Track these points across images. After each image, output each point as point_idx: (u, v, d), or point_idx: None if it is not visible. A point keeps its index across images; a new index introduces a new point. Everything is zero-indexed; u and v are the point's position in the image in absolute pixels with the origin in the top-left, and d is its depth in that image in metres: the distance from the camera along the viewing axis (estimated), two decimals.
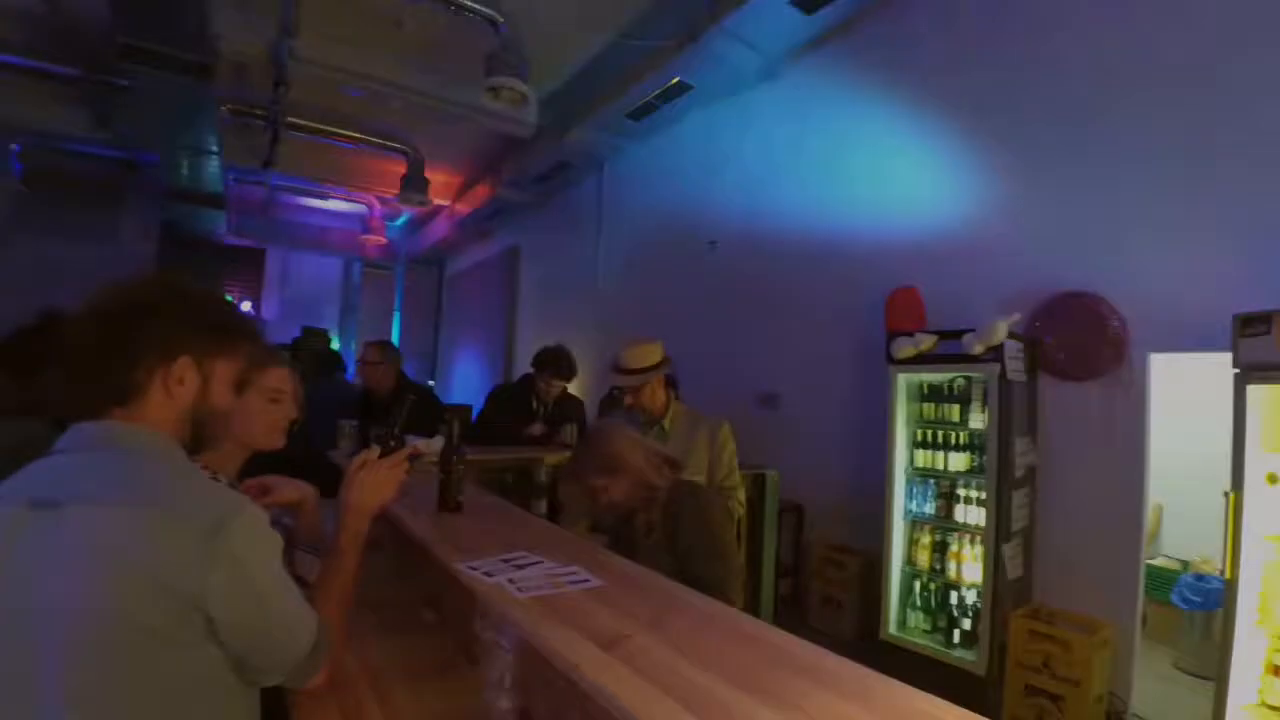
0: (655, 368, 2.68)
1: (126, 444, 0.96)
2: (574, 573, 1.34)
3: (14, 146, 8.01)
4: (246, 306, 11.40)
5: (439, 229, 10.43)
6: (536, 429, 4.04)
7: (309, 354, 7.46)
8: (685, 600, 1.28)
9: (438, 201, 9.15)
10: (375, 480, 1.31)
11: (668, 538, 1.85)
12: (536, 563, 1.39)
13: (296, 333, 11.54)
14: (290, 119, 6.75)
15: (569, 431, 3.96)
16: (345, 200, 9.85)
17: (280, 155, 7.63)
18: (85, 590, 0.83)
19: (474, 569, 1.33)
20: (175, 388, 1.02)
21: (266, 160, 7.63)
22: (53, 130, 7.55)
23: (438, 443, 3.05)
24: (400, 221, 11.26)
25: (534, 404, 4.13)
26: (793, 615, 4.36)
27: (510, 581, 1.26)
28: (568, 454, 3.72)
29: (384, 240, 10.22)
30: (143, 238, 10.56)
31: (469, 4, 4.70)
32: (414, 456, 2.60)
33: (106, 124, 6.85)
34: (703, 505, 1.90)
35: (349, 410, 4.25)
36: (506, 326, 9.14)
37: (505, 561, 1.39)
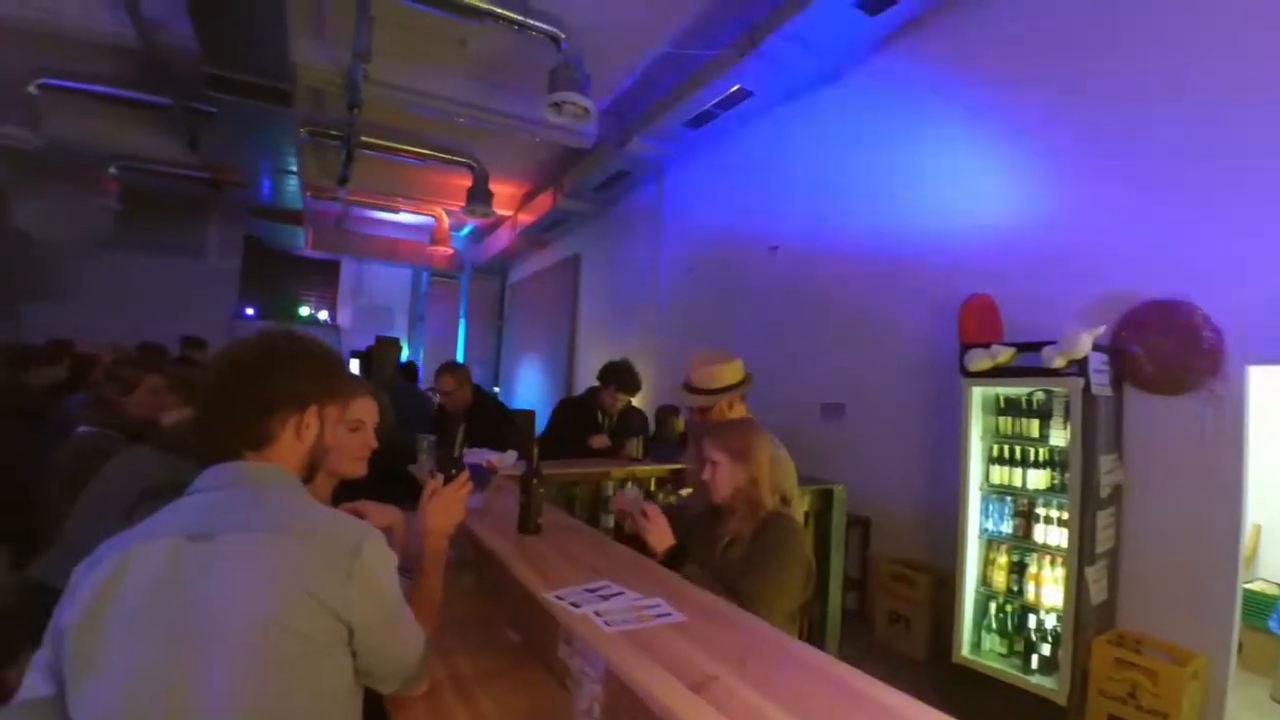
0: (728, 389, 2.43)
1: (261, 481, 1.07)
2: (657, 605, 1.36)
3: (112, 170, 8.65)
4: (323, 315, 11.96)
5: (502, 239, 10.67)
6: (600, 442, 4.09)
7: (385, 365, 7.76)
8: (764, 636, 1.28)
9: (501, 212, 9.38)
10: (444, 505, 1.45)
11: (743, 560, 1.83)
12: (620, 594, 1.42)
13: (369, 341, 12.03)
14: (363, 138, 7.05)
15: (634, 445, 3.99)
16: (413, 213, 10.21)
17: (353, 172, 8.01)
18: (247, 604, 0.92)
19: (561, 599, 1.38)
20: (304, 433, 1.14)
21: (341, 177, 8.02)
22: (147, 154, 8.11)
23: (510, 457, 3.14)
24: (465, 232, 11.58)
25: (599, 417, 4.19)
26: (858, 630, 4.27)
27: (598, 614, 1.29)
28: (633, 467, 3.77)
29: (450, 250, 10.54)
30: (227, 252, 11.24)
31: (532, 22, 4.80)
32: (489, 472, 2.69)
33: (195, 147, 7.31)
34: (791, 546, 1.84)
35: (425, 423, 4.42)
36: (568, 333, 9.28)
37: (590, 591, 1.42)
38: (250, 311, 11.28)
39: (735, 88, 5.34)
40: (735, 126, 6.03)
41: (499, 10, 4.70)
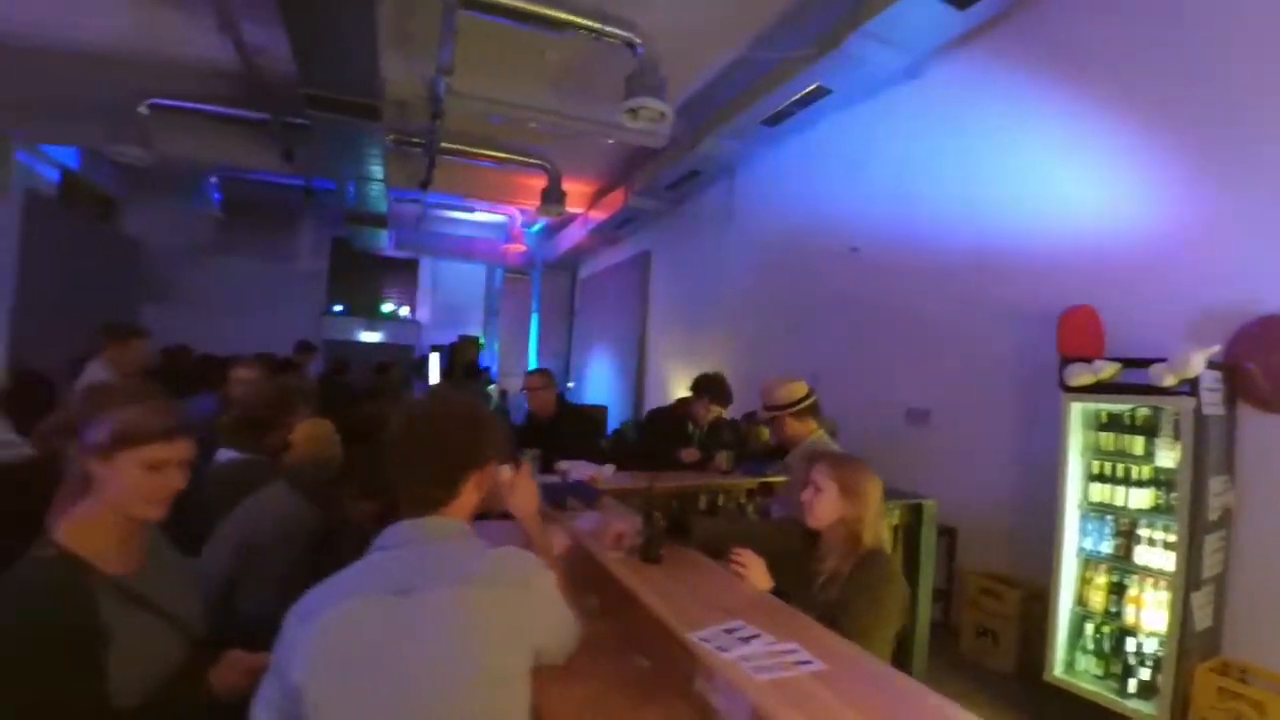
0: (786, 407, 2.92)
1: (446, 535, 1.18)
2: (794, 651, 1.43)
3: (213, 179, 9.27)
4: (404, 311, 12.49)
5: (573, 236, 10.85)
6: (691, 455, 4.12)
7: (458, 366, 8.07)
8: (909, 690, 1.33)
9: (572, 210, 9.52)
10: (526, 491, 1.63)
11: (839, 599, 1.85)
12: (756, 635, 1.50)
13: (446, 336, 12.52)
14: (443, 145, 7.31)
15: (725, 458, 4.01)
16: (489, 213, 10.49)
17: (434, 177, 8.31)
18: (459, 656, 1.05)
19: (705, 641, 1.46)
20: (483, 485, 1.25)
21: (424, 182, 8.33)
22: (245, 165, 8.63)
23: (608, 470, 3.24)
24: (536, 229, 11.82)
25: (689, 428, 4.23)
26: (943, 642, 4.21)
27: (743, 660, 1.37)
28: (724, 480, 3.82)
29: (523, 247, 10.79)
30: (317, 254, 11.87)
31: (609, 29, 4.86)
32: (595, 490, 2.80)
33: (290, 159, 7.75)
34: (888, 586, 1.86)
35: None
36: (639, 329, 9.38)
37: (728, 633, 1.50)
38: (339, 308, 11.90)
39: (814, 86, 5.25)
40: (813, 124, 5.92)
41: (578, 20, 4.77)
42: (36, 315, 7.85)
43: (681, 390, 7.91)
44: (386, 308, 12.40)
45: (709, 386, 4.14)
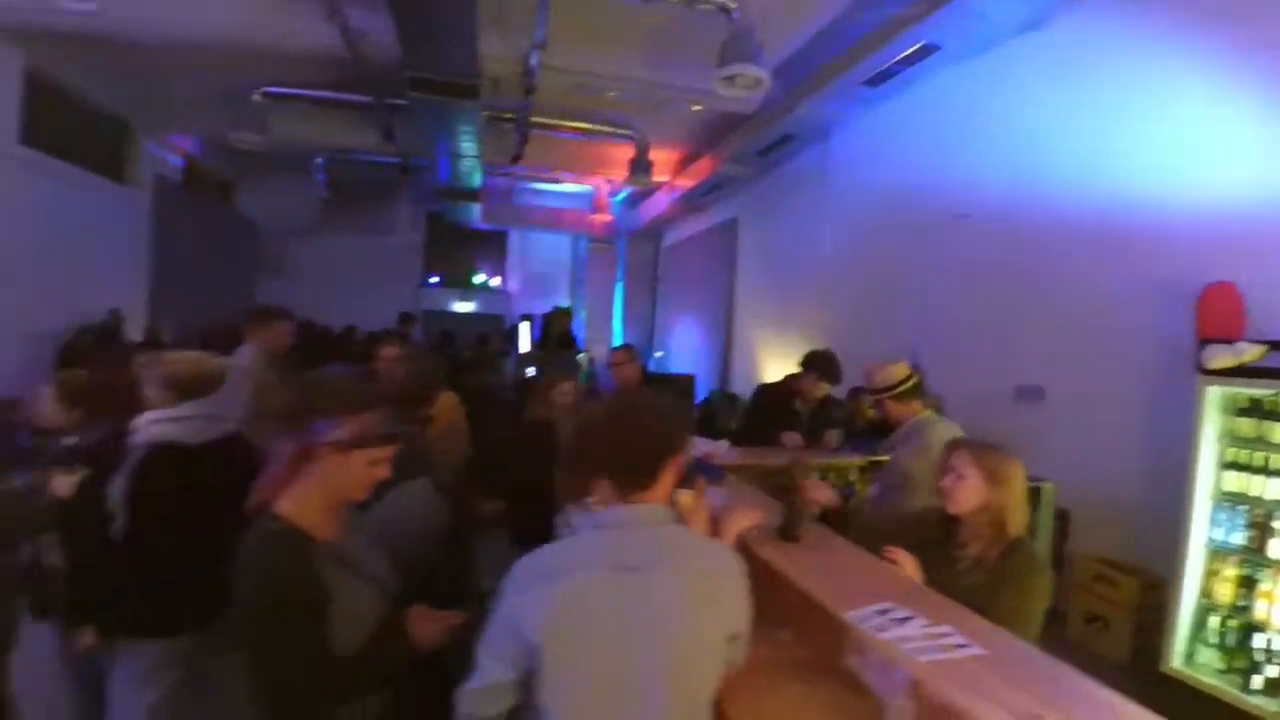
0: (886, 390, 2.99)
1: (655, 520, 1.31)
2: (950, 634, 1.46)
3: (319, 160, 9.79)
4: (495, 282, 12.91)
5: (658, 204, 10.83)
6: (793, 440, 4.08)
7: (552, 336, 8.29)
8: (1069, 677, 1.36)
9: (658, 178, 9.48)
10: (695, 519, 1.66)
11: (985, 587, 1.83)
12: (910, 618, 1.53)
13: (534, 305, 12.86)
14: (534, 119, 7.42)
15: (834, 436, 3.98)
16: (575, 183, 10.60)
17: (524, 151, 8.47)
18: (678, 629, 1.21)
19: (861, 621, 1.52)
20: (676, 471, 1.36)
21: (514, 155, 8.51)
22: (348, 146, 9.05)
23: (722, 446, 3.31)
24: (621, 197, 11.86)
25: (796, 405, 4.21)
26: (1050, 625, 4.09)
27: (901, 640, 1.42)
28: (833, 459, 3.80)
29: (609, 217, 10.87)
30: (414, 228, 12.39)
31: None
32: (718, 468, 2.89)
33: (390, 138, 8.07)
34: (1039, 578, 1.85)
35: None
36: (725, 297, 9.33)
37: (881, 614, 1.55)
38: (434, 280, 12.43)
39: (921, 43, 4.98)
40: (917, 83, 5.62)
41: None
42: (169, 289, 8.65)
43: (771, 361, 7.88)
44: (478, 279, 12.85)
45: (820, 363, 4.08)
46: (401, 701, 1.43)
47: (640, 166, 8.00)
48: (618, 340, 12.69)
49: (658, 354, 9.51)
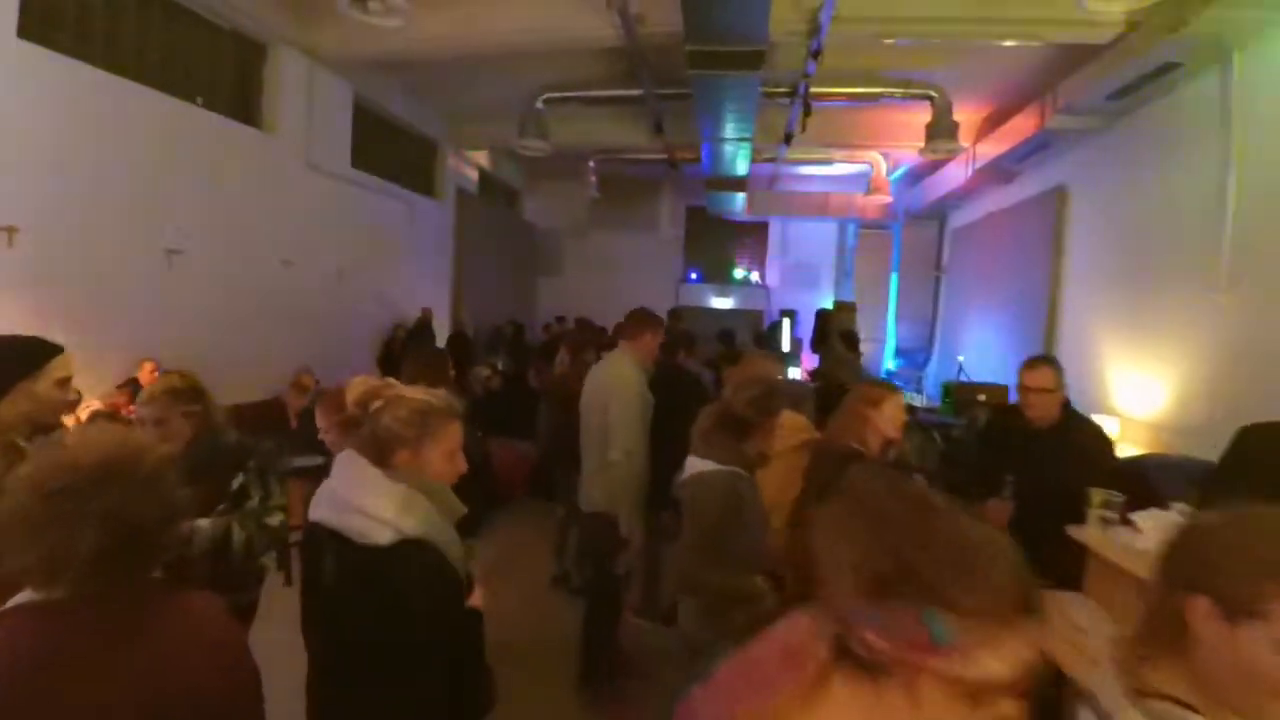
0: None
1: None
2: None
3: (591, 163, 10.01)
4: (755, 276, 12.31)
5: (948, 178, 9.26)
6: None
7: (835, 334, 7.38)
8: None
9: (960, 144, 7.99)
10: None
11: None
12: None
13: (795, 299, 12.00)
14: (814, 90, 6.59)
15: None
16: (846, 163, 9.53)
17: (797, 129, 7.68)
18: None
19: None
20: None
21: (786, 135, 7.76)
22: (618, 145, 9.08)
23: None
24: (898, 174, 10.46)
25: None
26: None
27: None
28: None
29: (888, 198, 9.60)
30: (674, 224, 12.32)
31: None
32: None
33: (660, 130, 7.83)
34: None
35: None
36: (1047, 288, 7.52)
37: None
38: (694, 275, 12.24)
39: None
40: None
41: None
42: (469, 290, 9.49)
43: (1123, 371, 6.02)
44: (738, 273, 12.36)
45: None
46: None
47: (941, 130, 6.74)
48: (892, 340, 11.28)
49: (959, 358, 8.00)
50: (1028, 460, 2.50)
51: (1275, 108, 4.87)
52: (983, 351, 8.82)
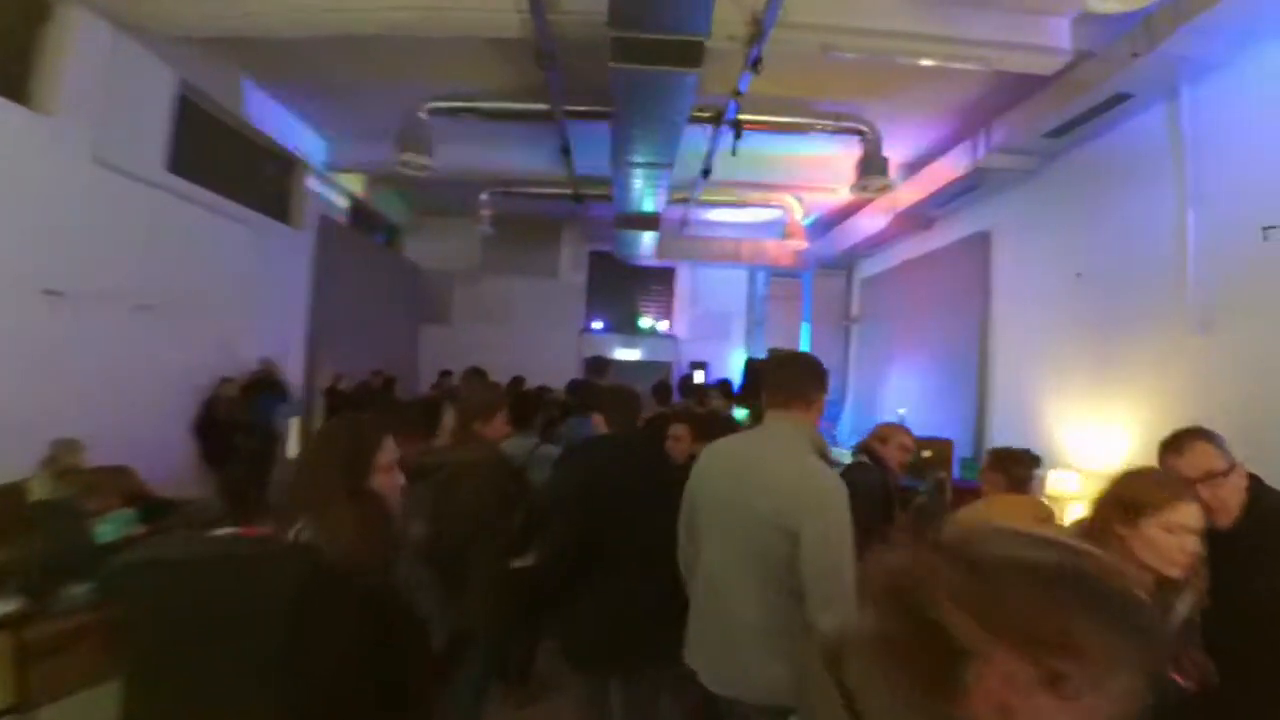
0: None
1: None
2: None
3: (483, 196, 8.88)
4: (663, 325, 11.48)
5: (863, 225, 8.97)
6: None
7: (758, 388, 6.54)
8: None
9: (863, 196, 7.61)
10: None
11: None
12: None
13: (706, 351, 11.27)
14: (743, 117, 5.92)
15: None
16: (761, 206, 9.01)
17: (716, 162, 7.02)
18: None
19: None
20: None
21: (705, 169, 7.06)
22: (517, 174, 8.03)
23: None
24: (808, 223, 10.12)
25: None
26: None
27: None
28: None
29: (804, 244, 9.14)
30: (576, 269, 11.36)
31: None
32: None
33: (567, 153, 6.86)
34: None
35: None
36: (978, 335, 7.15)
37: None
38: (598, 325, 11.23)
39: None
40: None
41: None
42: (336, 336, 7.92)
43: (1078, 420, 5.57)
44: (645, 322, 11.48)
45: None
46: None
47: (873, 166, 6.25)
48: None
49: (901, 410, 7.40)
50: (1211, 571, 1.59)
51: (1228, 136, 4.63)
52: (903, 402, 8.34)
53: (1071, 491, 5.23)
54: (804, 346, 10.80)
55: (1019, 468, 3.05)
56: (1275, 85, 4.26)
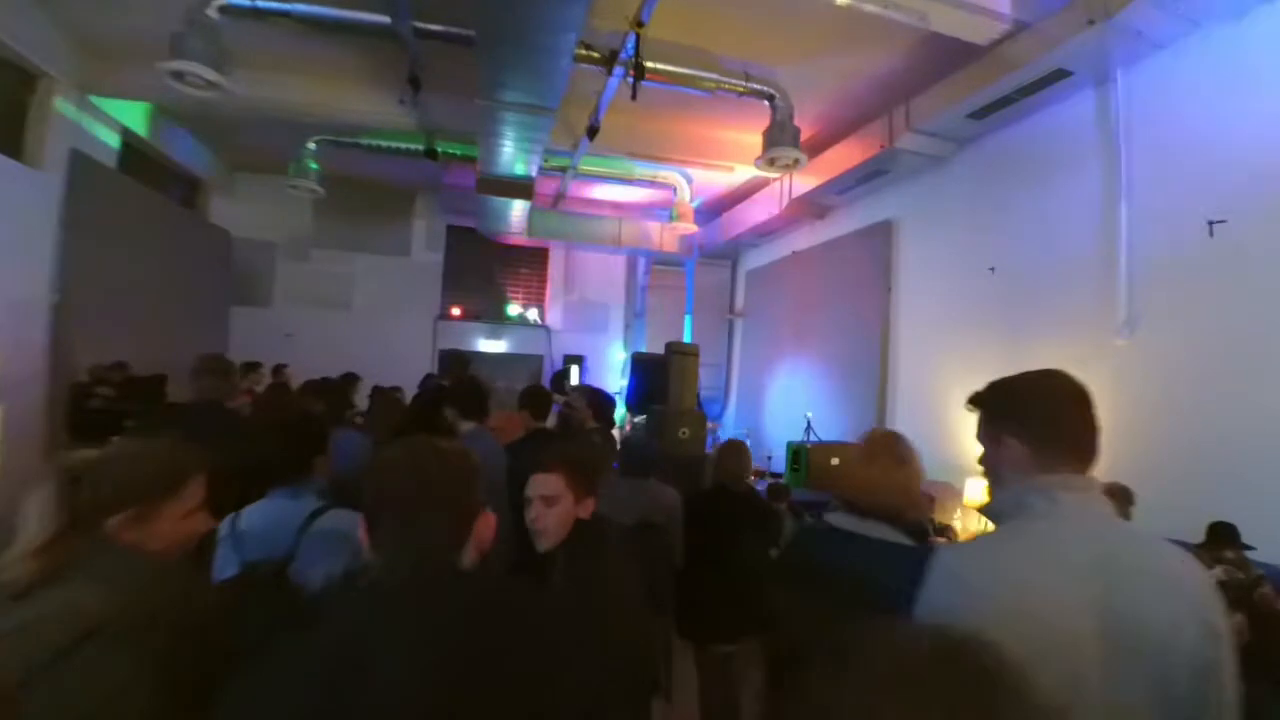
0: None
1: None
2: None
3: (310, 146, 7.18)
4: (532, 315, 10.22)
5: (753, 213, 8.33)
6: None
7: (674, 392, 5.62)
8: None
9: (768, 173, 6.90)
10: None
11: None
12: None
13: (581, 344, 10.20)
14: (648, 63, 4.91)
15: None
16: (648, 185, 8.06)
17: (603, 122, 5.97)
18: None
19: None
20: None
21: (591, 127, 5.97)
22: (351, 114, 6.31)
23: None
24: (694, 205, 9.36)
25: None
26: None
27: None
28: None
29: (694, 227, 8.32)
30: (431, 247, 9.83)
31: None
32: None
33: (417, 88, 5.43)
34: None
35: None
36: (879, 332, 6.67)
37: None
38: (456, 312, 9.76)
39: None
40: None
41: None
42: (96, 319, 5.95)
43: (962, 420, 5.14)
44: (513, 310, 10.16)
45: None
46: None
47: (782, 137, 5.46)
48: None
49: (808, 414, 6.73)
50: None
51: (1169, 129, 4.29)
52: (796, 403, 7.78)
53: (980, 500, 4.77)
54: (686, 341, 10.06)
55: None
56: (1223, 69, 3.92)
